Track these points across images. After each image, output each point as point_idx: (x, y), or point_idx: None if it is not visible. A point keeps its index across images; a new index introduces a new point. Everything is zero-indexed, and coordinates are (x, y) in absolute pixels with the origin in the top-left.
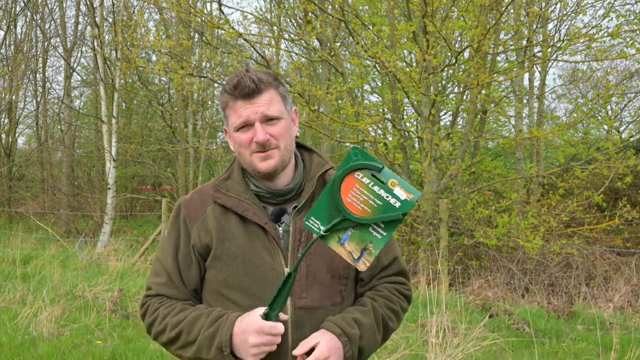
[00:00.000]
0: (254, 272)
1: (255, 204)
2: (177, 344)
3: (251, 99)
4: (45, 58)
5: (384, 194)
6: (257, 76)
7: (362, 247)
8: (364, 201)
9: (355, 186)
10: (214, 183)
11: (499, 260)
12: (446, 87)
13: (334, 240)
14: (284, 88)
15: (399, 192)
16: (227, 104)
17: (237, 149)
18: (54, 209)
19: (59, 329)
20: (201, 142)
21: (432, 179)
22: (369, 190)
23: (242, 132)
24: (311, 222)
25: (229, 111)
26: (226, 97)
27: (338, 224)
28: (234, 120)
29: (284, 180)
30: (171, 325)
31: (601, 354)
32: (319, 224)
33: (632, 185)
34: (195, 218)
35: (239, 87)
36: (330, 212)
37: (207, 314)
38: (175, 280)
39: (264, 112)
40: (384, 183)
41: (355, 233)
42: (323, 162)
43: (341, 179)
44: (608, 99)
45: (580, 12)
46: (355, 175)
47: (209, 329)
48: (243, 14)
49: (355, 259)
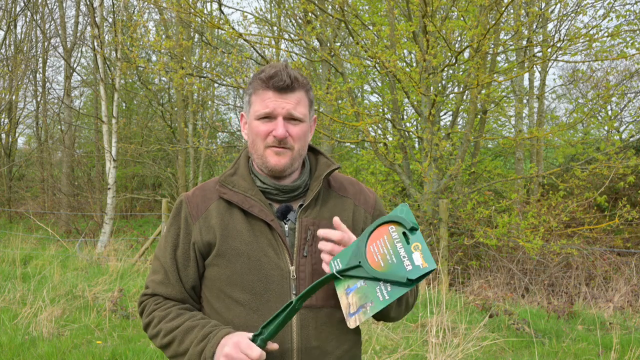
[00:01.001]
0: (259, 270)
1: (261, 201)
2: (169, 350)
3: (282, 93)
4: (45, 58)
5: (403, 253)
6: (293, 74)
7: (362, 303)
8: (383, 254)
9: (383, 237)
10: (218, 179)
11: (499, 260)
12: (446, 87)
13: (342, 287)
14: (313, 94)
15: (417, 257)
16: (256, 90)
17: (253, 138)
18: (54, 209)
19: (59, 329)
20: (201, 142)
21: (432, 179)
22: (392, 245)
23: (262, 122)
24: (334, 263)
25: (255, 98)
26: (257, 84)
27: (352, 269)
28: (259, 108)
29: (290, 179)
30: (165, 331)
31: (601, 354)
32: (339, 265)
33: (632, 185)
34: (197, 215)
35: (275, 78)
36: (351, 257)
37: (200, 327)
38: (172, 279)
39: (290, 110)
40: (408, 244)
41: (363, 287)
42: (329, 163)
43: (376, 226)
44: (608, 99)
45: (580, 12)
46: (389, 227)
47: (199, 344)
48: (243, 14)
49: (349, 313)
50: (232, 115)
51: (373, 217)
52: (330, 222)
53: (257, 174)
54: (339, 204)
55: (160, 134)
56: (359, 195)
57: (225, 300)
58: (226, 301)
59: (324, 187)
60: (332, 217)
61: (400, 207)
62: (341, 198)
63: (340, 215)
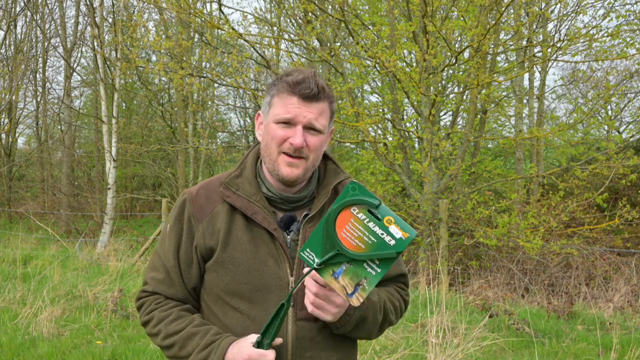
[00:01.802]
0: (258, 279)
1: (265, 208)
2: (169, 352)
3: (307, 101)
4: (45, 58)
5: (379, 231)
6: (321, 83)
7: (356, 282)
8: (359, 237)
9: (351, 221)
10: (221, 179)
11: (499, 260)
12: (446, 87)
13: (327, 274)
14: (335, 106)
15: (395, 230)
16: (280, 93)
17: (268, 141)
18: (54, 209)
19: (59, 329)
20: (201, 142)
21: (432, 179)
22: (364, 226)
23: (281, 127)
24: (306, 254)
25: (277, 100)
26: (282, 87)
27: (332, 258)
28: (280, 111)
29: (296, 187)
30: (165, 333)
31: (601, 354)
32: (313, 256)
33: (632, 185)
34: (201, 217)
35: (302, 85)
36: (324, 246)
37: (202, 334)
38: (175, 279)
39: (312, 120)
40: (379, 220)
41: (349, 268)
42: (338, 171)
43: (336, 213)
44: (608, 99)
45: (581, 12)
46: (351, 210)
47: (201, 352)
48: (243, 14)
49: (348, 294)
50: (232, 115)
51: None
52: None
53: (263, 178)
54: None
55: (160, 134)
56: None
57: (223, 306)
58: (224, 307)
59: (331, 197)
60: None
61: (350, 185)
62: None
63: None
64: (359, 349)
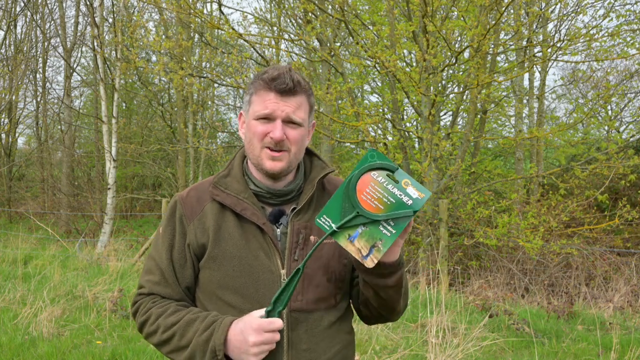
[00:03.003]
0: (250, 273)
1: (254, 204)
2: (169, 346)
3: (284, 96)
4: (45, 58)
5: (398, 192)
6: (297, 77)
7: (371, 244)
8: (378, 199)
9: (370, 184)
10: (212, 180)
11: (499, 260)
12: (446, 87)
13: (343, 238)
14: (314, 100)
15: (412, 191)
16: (257, 91)
17: (250, 137)
18: (54, 209)
19: (59, 329)
20: (201, 142)
21: (432, 179)
22: (383, 188)
23: (261, 122)
24: (322, 220)
25: (255, 98)
26: (259, 85)
27: (351, 220)
28: (258, 108)
29: (283, 182)
30: (164, 326)
31: (601, 354)
32: (330, 222)
33: (632, 185)
34: (192, 216)
35: (277, 81)
36: (343, 210)
37: (202, 318)
38: (169, 279)
39: (289, 114)
40: (397, 182)
41: (365, 231)
42: (323, 166)
43: (358, 177)
44: (608, 99)
45: (581, 12)
46: (371, 174)
47: (203, 333)
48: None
49: (363, 256)
50: (232, 115)
51: None
52: None
53: (250, 176)
54: None
55: (160, 134)
56: None
57: (218, 302)
58: (218, 303)
59: (318, 190)
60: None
61: (369, 152)
62: None
63: None
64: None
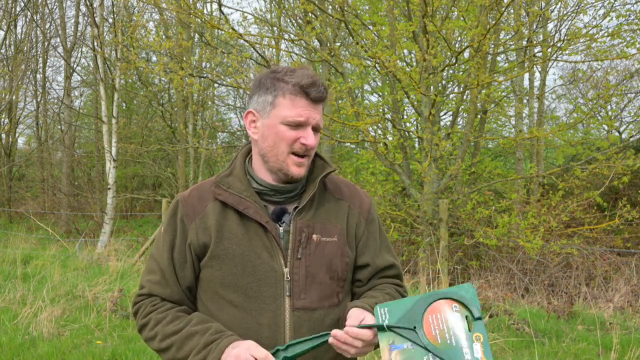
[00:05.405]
0: (253, 272)
1: (257, 202)
2: (166, 355)
3: (316, 103)
4: (45, 58)
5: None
6: (324, 85)
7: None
8: (442, 331)
9: (445, 312)
10: (214, 179)
11: (499, 260)
12: (446, 87)
13: (386, 340)
14: None
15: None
16: (287, 94)
17: (276, 142)
18: (54, 209)
19: (59, 329)
20: (201, 142)
21: (432, 179)
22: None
23: (290, 128)
24: (381, 311)
25: (283, 101)
26: (290, 89)
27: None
28: (290, 114)
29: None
30: (162, 335)
31: (601, 354)
32: (387, 317)
33: (632, 185)
34: (194, 215)
35: (313, 89)
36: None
37: (201, 333)
38: (169, 279)
39: (318, 122)
40: (470, 331)
41: (409, 350)
42: (325, 165)
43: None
44: (608, 99)
45: (581, 12)
46: (452, 304)
47: (199, 354)
48: (243, 14)
49: None
50: (232, 115)
51: (367, 221)
52: (324, 224)
53: (253, 175)
54: (334, 206)
55: (160, 134)
56: (354, 199)
57: (220, 301)
58: (220, 302)
59: (319, 189)
60: (327, 219)
61: (466, 286)
62: (337, 200)
63: (335, 218)
64: None
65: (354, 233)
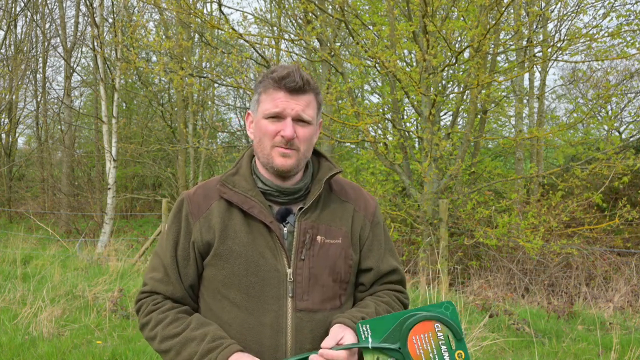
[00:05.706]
0: (256, 272)
1: (262, 202)
2: (166, 357)
3: (294, 94)
4: (45, 58)
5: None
6: (306, 76)
7: None
8: (426, 350)
9: (428, 334)
10: (220, 178)
11: (499, 260)
12: (446, 87)
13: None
14: (322, 98)
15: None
16: (266, 89)
17: (260, 137)
18: (54, 209)
19: (59, 329)
20: (201, 142)
21: (432, 179)
22: (437, 345)
23: (271, 121)
24: (363, 328)
25: (265, 97)
26: (268, 84)
27: (389, 351)
28: (268, 107)
29: (292, 180)
30: (161, 336)
31: (601, 354)
32: (369, 335)
33: (632, 185)
34: (198, 214)
35: (287, 79)
36: (388, 334)
37: (199, 340)
38: (172, 277)
39: (299, 112)
40: (453, 350)
41: None
42: (331, 167)
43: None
44: (608, 99)
45: (581, 12)
46: (435, 324)
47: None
48: (243, 14)
49: None
50: (232, 115)
51: (372, 224)
52: (329, 226)
53: (259, 174)
54: (339, 208)
55: (160, 134)
56: (359, 201)
57: (222, 301)
58: (223, 302)
59: (325, 190)
60: (332, 221)
61: (446, 304)
62: (342, 202)
63: (340, 220)
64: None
65: (359, 236)
